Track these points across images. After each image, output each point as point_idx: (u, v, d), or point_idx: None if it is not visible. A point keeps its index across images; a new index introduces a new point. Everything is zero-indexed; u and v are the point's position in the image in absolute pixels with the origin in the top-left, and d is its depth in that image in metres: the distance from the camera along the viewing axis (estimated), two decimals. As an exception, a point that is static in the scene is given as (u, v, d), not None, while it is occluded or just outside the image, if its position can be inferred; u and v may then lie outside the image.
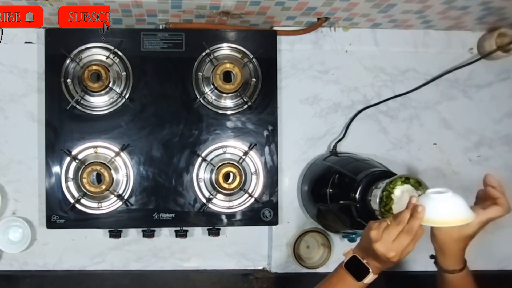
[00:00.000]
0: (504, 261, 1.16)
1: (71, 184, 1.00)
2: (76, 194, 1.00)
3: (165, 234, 1.10)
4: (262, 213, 1.04)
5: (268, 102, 1.05)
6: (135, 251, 1.11)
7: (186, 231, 1.05)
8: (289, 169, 1.12)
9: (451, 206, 0.72)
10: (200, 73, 1.03)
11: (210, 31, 1.04)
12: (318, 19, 1.07)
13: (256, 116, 1.04)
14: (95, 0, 0.93)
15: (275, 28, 1.11)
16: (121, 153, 1.01)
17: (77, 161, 0.99)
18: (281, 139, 1.10)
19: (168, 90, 1.03)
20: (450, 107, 1.16)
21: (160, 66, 1.02)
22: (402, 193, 0.79)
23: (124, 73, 1.01)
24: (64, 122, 1.00)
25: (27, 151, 1.07)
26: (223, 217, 1.03)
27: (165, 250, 1.12)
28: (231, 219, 1.03)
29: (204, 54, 1.03)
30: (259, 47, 1.04)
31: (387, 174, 0.86)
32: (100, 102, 1.01)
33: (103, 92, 1.00)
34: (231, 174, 1.00)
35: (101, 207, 1.00)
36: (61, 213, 0.99)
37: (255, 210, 1.03)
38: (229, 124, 1.04)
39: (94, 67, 0.98)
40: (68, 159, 1.00)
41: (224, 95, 1.03)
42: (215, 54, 1.03)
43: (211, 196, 1.02)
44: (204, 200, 1.02)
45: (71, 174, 1.00)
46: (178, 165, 1.02)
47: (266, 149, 1.04)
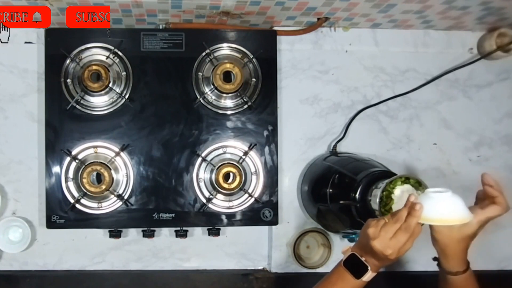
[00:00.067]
0: (504, 261, 1.16)
1: (71, 184, 1.00)
2: (76, 194, 1.00)
3: (165, 234, 1.10)
4: (262, 213, 1.04)
5: (268, 102, 1.05)
6: (135, 251, 1.11)
7: (186, 231, 1.05)
8: (289, 169, 1.12)
9: (449, 205, 0.72)
10: (200, 73, 1.03)
11: (210, 31, 1.04)
12: (318, 19, 1.07)
13: (256, 116, 1.04)
14: (95, 0, 0.93)
15: (275, 28, 1.11)
16: (121, 153, 1.01)
17: (77, 161, 0.99)
18: (281, 139, 1.10)
19: (168, 90, 1.03)
20: (450, 107, 1.16)
21: (160, 66, 1.02)
22: (402, 193, 0.79)
23: (124, 73, 1.01)
24: (64, 122, 1.00)
25: (27, 151, 1.07)
26: (223, 217, 1.03)
27: (165, 250, 1.12)
28: (231, 219, 1.03)
29: (204, 54, 1.03)
30: (259, 47, 1.04)
31: (387, 174, 0.86)
32: (100, 102, 1.01)
33: (103, 92, 1.00)
34: (231, 174, 1.00)
35: (101, 207, 1.00)
36: (61, 213, 0.99)
37: (255, 210, 1.03)
38: (229, 124, 1.04)
39: (94, 67, 0.98)
40: (68, 159, 1.00)
41: (224, 95, 1.03)
42: (215, 54, 1.03)
43: (211, 196, 1.02)
44: (204, 200, 1.02)
45: (71, 174, 1.00)
46: (178, 165, 1.02)
47: (266, 149, 1.04)
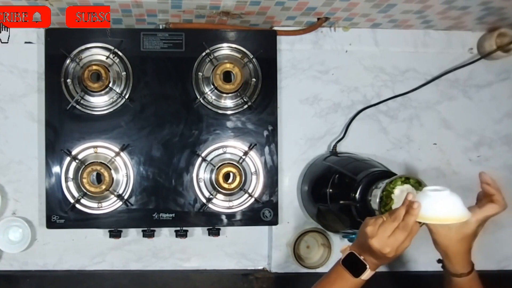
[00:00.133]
0: (504, 261, 1.16)
1: (71, 184, 1.00)
2: (76, 194, 1.00)
3: (165, 234, 1.10)
4: (262, 213, 1.04)
5: (268, 102, 1.05)
6: (135, 251, 1.11)
7: (186, 231, 1.05)
8: (289, 169, 1.12)
9: (447, 204, 0.71)
10: (200, 73, 1.03)
11: (210, 31, 1.04)
12: (318, 19, 1.07)
13: (256, 116, 1.04)
14: (95, 0, 0.93)
15: (275, 28, 1.11)
16: (121, 153, 1.01)
17: (77, 161, 0.99)
18: (281, 139, 1.09)
19: (168, 90, 1.03)
20: (450, 107, 1.16)
21: (160, 66, 1.02)
22: (402, 193, 0.79)
23: (124, 73, 1.01)
24: (64, 122, 1.00)
25: (27, 151, 1.07)
26: (223, 217, 1.03)
27: (165, 250, 1.12)
28: (231, 219, 1.03)
29: (204, 54, 1.03)
30: (259, 47, 1.04)
31: (387, 174, 0.86)
32: (100, 102, 1.01)
33: (103, 92, 1.00)
34: (231, 174, 1.00)
35: (101, 207, 1.00)
36: (61, 213, 0.99)
37: (255, 210, 1.03)
38: (229, 124, 1.04)
39: (94, 67, 0.98)
40: (68, 159, 1.00)
41: (224, 95, 1.03)
42: (215, 54, 1.03)
43: (211, 196, 1.02)
44: (204, 200, 1.02)
45: (71, 174, 1.00)
46: (178, 165, 1.02)
47: (266, 149, 1.04)
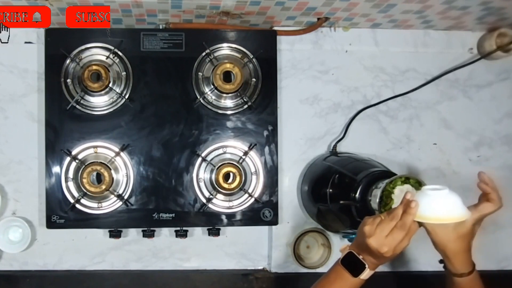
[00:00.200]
0: (504, 261, 1.16)
1: (71, 184, 1.00)
2: (76, 194, 1.00)
3: (165, 234, 1.10)
4: (262, 213, 1.04)
5: (268, 102, 1.04)
6: (135, 251, 1.11)
7: (186, 231, 1.05)
8: (289, 169, 1.12)
9: (446, 203, 0.71)
10: (200, 73, 1.03)
11: (210, 31, 1.04)
12: (318, 19, 1.07)
13: (256, 116, 1.04)
14: (95, 0, 0.93)
15: (275, 28, 1.11)
16: (121, 153, 1.01)
17: (77, 161, 0.99)
18: (281, 139, 1.09)
19: (168, 90, 1.03)
20: (450, 107, 1.16)
21: (160, 66, 1.02)
22: (402, 193, 0.79)
23: (124, 73, 1.01)
24: (64, 122, 1.00)
25: (27, 151, 1.07)
26: (223, 217, 1.03)
27: (165, 250, 1.12)
28: (231, 219, 1.03)
29: (204, 54, 1.03)
30: (259, 47, 1.04)
31: (387, 174, 0.86)
32: (100, 102, 1.01)
33: (103, 92, 1.00)
34: (231, 174, 1.00)
35: (101, 207, 1.00)
36: (61, 213, 0.99)
37: (255, 210, 1.03)
38: (229, 124, 1.04)
39: (94, 67, 0.98)
40: (68, 159, 1.00)
41: (224, 95, 1.03)
42: (215, 54, 1.03)
43: (211, 196, 1.02)
44: (204, 200, 1.02)
45: (71, 174, 1.00)
46: (178, 165, 1.02)
47: (266, 149, 1.04)
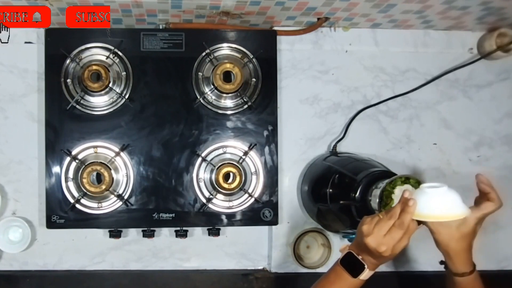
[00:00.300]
0: (504, 261, 1.16)
1: (71, 184, 1.00)
2: (76, 194, 1.00)
3: (165, 234, 1.10)
4: (262, 213, 1.04)
5: (268, 102, 1.04)
6: (135, 251, 1.11)
7: (186, 231, 1.05)
8: (289, 169, 1.12)
9: (444, 201, 0.71)
10: (200, 73, 1.03)
11: (210, 31, 1.04)
12: (318, 19, 1.07)
13: (256, 116, 1.04)
14: (95, 0, 0.93)
15: (275, 28, 1.11)
16: (121, 153, 1.01)
17: (77, 161, 0.99)
18: (281, 139, 1.09)
19: (168, 90, 1.03)
20: (450, 107, 1.16)
21: (160, 66, 1.02)
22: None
23: (124, 73, 1.01)
24: (64, 122, 1.00)
25: (27, 151, 1.07)
26: (223, 217, 1.03)
27: (165, 250, 1.12)
28: (231, 219, 1.03)
29: (204, 54, 1.03)
30: (259, 47, 1.04)
31: (387, 174, 0.86)
32: (100, 102, 1.01)
33: (103, 92, 1.00)
34: (231, 174, 1.00)
35: (101, 207, 1.00)
36: (61, 213, 0.99)
37: (255, 210, 1.03)
38: (229, 124, 1.04)
39: (94, 67, 0.98)
40: (68, 159, 1.00)
41: (224, 95, 1.03)
42: (215, 54, 1.03)
43: (211, 196, 1.02)
44: (204, 200, 1.02)
45: (71, 174, 1.00)
46: (178, 165, 1.02)
47: (266, 149, 1.04)
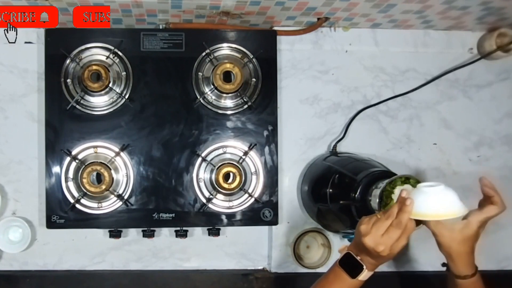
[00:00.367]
0: (504, 261, 1.16)
1: (71, 184, 1.00)
2: (76, 194, 1.00)
3: (165, 234, 1.10)
4: (262, 213, 1.04)
5: (268, 102, 1.04)
6: (135, 251, 1.11)
7: (186, 231, 1.05)
8: (289, 169, 1.12)
9: (442, 200, 0.71)
10: (200, 73, 1.03)
11: (210, 31, 1.04)
12: (318, 19, 1.07)
13: (256, 116, 1.04)
14: (95, 0, 0.93)
15: (275, 28, 1.11)
16: (121, 153, 1.01)
17: (77, 161, 0.99)
18: (281, 139, 1.09)
19: (168, 90, 1.03)
20: (450, 107, 1.16)
21: (160, 66, 1.02)
22: (402, 193, 0.79)
23: (124, 73, 1.01)
24: (64, 122, 1.00)
25: (27, 151, 1.07)
26: (223, 217, 1.03)
27: (165, 250, 1.12)
28: (231, 219, 1.03)
29: (204, 54, 1.03)
30: (259, 47, 1.04)
31: (387, 174, 0.86)
32: (100, 102, 1.01)
33: (103, 92, 1.00)
34: (231, 174, 1.00)
35: (101, 207, 1.00)
36: (61, 213, 0.99)
37: (255, 210, 1.03)
38: (229, 124, 1.04)
39: (94, 67, 0.98)
40: (68, 159, 1.00)
41: (224, 95, 1.03)
42: (215, 54, 1.03)
43: (211, 196, 1.02)
44: (204, 200, 1.02)
45: (71, 174, 1.00)
46: (178, 165, 1.02)
47: (266, 149, 1.04)
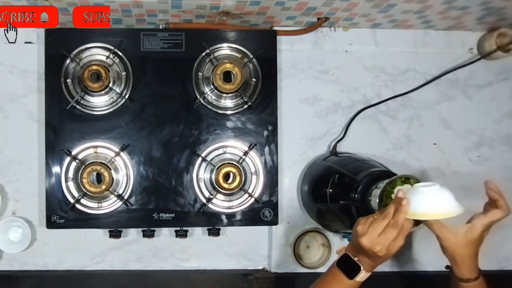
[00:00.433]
0: (504, 261, 1.16)
1: (71, 184, 1.00)
2: (76, 194, 1.00)
3: (165, 234, 1.10)
4: (262, 213, 1.04)
5: (268, 102, 1.04)
6: (135, 251, 1.11)
7: (186, 231, 1.05)
8: (289, 169, 1.12)
9: (438, 199, 0.71)
10: (200, 73, 1.03)
11: (210, 31, 1.04)
12: (318, 19, 1.07)
13: (256, 116, 1.04)
14: (95, 0, 0.93)
15: (275, 28, 1.11)
16: (121, 153, 1.01)
17: (77, 161, 0.99)
18: (281, 139, 1.09)
19: (168, 90, 1.03)
20: (450, 107, 1.16)
21: (160, 66, 1.02)
22: (402, 193, 0.79)
23: (124, 73, 1.01)
24: (64, 122, 1.00)
25: (27, 151, 1.07)
26: (223, 217, 1.03)
27: (165, 250, 1.12)
28: (231, 219, 1.03)
29: (204, 54, 1.03)
30: (259, 47, 1.04)
31: (387, 174, 0.86)
32: (100, 102, 1.01)
33: (103, 92, 1.00)
34: (231, 174, 1.00)
35: (101, 207, 1.00)
36: (61, 213, 0.99)
37: (255, 210, 1.03)
38: (229, 124, 1.04)
39: (94, 67, 0.98)
40: (68, 159, 1.00)
41: (224, 95, 1.03)
42: (215, 54, 1.03)
43: (211, 196, 1.02)
44: (204, 200, 1.02)
45: (71, 174, 1.00)
46: (178, 165, 1.02)
47: (266, 149, 1.04)
